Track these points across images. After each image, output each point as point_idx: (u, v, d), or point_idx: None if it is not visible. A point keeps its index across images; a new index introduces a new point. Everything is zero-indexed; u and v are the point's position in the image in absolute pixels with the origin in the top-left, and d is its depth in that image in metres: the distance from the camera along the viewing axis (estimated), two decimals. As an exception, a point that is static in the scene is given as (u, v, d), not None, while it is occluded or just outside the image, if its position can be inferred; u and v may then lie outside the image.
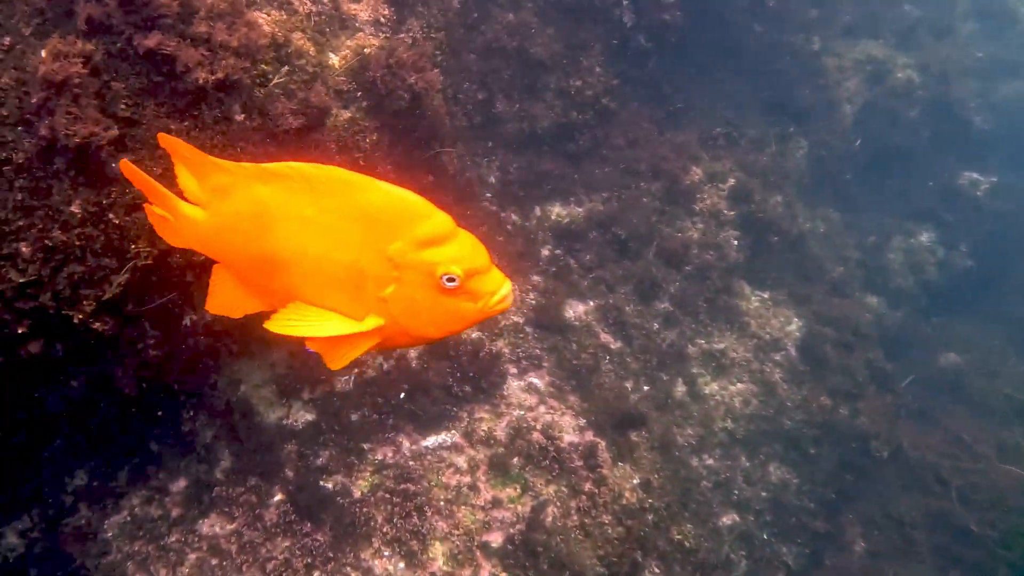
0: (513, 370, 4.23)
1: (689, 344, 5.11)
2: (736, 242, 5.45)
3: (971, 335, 6.24)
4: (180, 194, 1.71)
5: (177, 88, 2.51)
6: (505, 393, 4.11)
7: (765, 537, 4.84)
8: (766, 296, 5.57)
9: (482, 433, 3.90)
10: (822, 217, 6.65)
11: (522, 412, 4.01)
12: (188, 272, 2.79)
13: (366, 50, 3.45)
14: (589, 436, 4.01)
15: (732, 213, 5.47)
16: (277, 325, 1.57)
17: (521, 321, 4.45)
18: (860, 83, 6.68)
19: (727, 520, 4.78)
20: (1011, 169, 7.08)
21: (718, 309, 5.32)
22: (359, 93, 3.41)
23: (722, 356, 5.18)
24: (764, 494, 4.95)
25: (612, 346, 4.74)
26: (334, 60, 3.40)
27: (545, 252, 4.88)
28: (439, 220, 1.51)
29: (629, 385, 4.53)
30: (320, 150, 3.15)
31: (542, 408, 4.08)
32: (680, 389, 4.92)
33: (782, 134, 6.61)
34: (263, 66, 2.84)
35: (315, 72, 3.19)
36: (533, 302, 4.57)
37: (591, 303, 4.86)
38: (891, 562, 4.72)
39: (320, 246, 1.54)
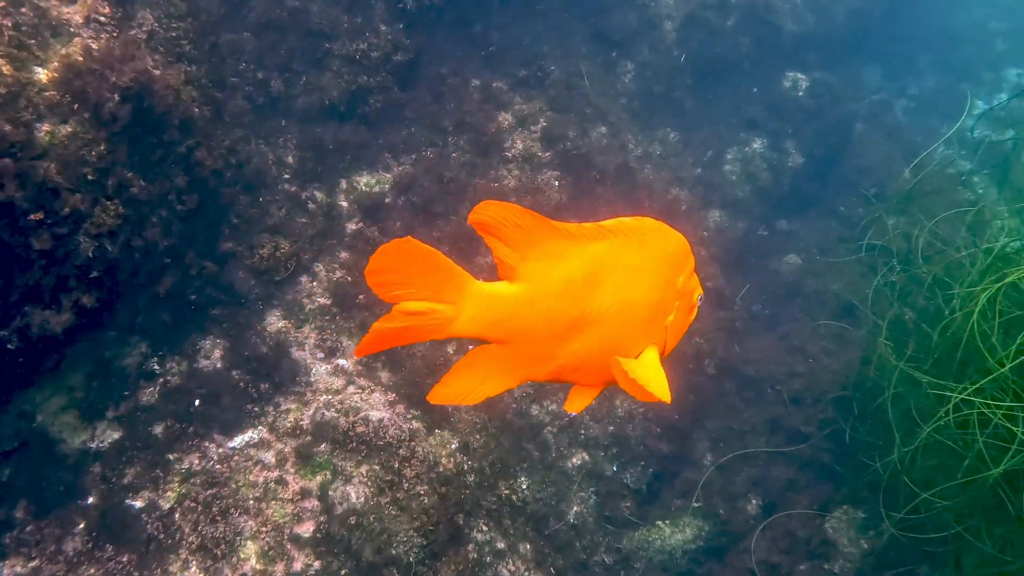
0: (320, 354, 4.17)
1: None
2: (557, 183, 5.42)
3: (808, 235, 6.35)
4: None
5: None
6: (312, 380, 4.06)
7: (615, 469, 4.94)
8: (598, 230, 5.55)
9: (288, 425, 3.86)
10: (660, 139, 6.64)
11: (329, 397, 3.97)
12: None
13: (76, 57, 3.27)
14: (400, 409, 4.00)
15: (547, 154, 5.43)
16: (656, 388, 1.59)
17: (328, 303, 4.38)
18: (677, -1, 6.62)
19: (576, 460, 4.85)
20: (826, 65, 7.14)
21: (548, 252, 5.29)
22: (76, 105, 3.24)
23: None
24: (611, 428, 5.03)
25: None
26: (42, 74, 3.22)
27: (351, 226, 4.76)
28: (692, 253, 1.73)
29: (450, 349, 4.50)
30: (35, 175, 3.00)
31: (351, 389, 4.04)
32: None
33: (606, 60, 6.56)
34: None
35: (12, 92, 3.02)
36: (340, 280, 4.48)
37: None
38: (734, 472, 4.86)
39: (641, 292, 1.62)
